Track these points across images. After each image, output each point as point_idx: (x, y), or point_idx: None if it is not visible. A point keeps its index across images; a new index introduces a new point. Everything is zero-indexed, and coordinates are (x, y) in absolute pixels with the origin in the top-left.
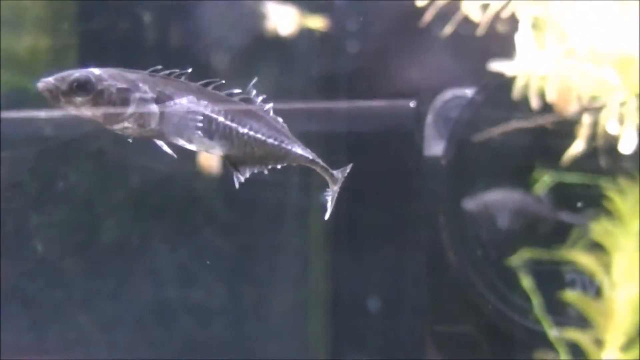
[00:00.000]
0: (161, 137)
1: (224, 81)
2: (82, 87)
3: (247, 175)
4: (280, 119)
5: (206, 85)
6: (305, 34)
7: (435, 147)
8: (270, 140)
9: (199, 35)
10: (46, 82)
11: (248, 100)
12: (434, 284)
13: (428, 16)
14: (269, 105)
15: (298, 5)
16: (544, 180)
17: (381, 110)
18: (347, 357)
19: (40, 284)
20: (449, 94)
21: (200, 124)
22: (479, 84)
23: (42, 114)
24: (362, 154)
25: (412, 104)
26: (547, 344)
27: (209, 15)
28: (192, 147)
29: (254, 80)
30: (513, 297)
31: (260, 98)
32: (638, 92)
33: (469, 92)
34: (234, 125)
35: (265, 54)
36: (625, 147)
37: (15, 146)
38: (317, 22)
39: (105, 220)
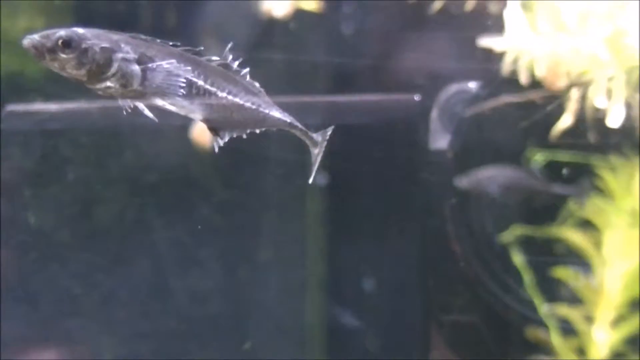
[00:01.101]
0: (143, 98)
1: (202, 48)
2: (67, 45)
3: (227, 139)
4: (257, 84)
5: (186, 50)
6: (308, 25)
7: (440, 140)
8: (249, 104)
9: (196, 19)
10: (32, 38)
11: (225, 66)
12: (435, 271)
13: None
14: (246, 70)
15: None
16: (536, 159)
17: (386, 103)
18: (343, 342)
19: (36, 261)
20: (453, 88)
21: (182, 86)
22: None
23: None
24: (367, 145)
25: (417, 98)
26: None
27: (206, 4)
28: (172, 109)
29: (230, 45)
30: (516, 286)
31: (236, 63)
32: (627, 67)
33: (473, 86)
34: (213, 89)
35: (270, 45)
36: (613, 122)
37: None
38: (312, 5)
39: (102, 198)
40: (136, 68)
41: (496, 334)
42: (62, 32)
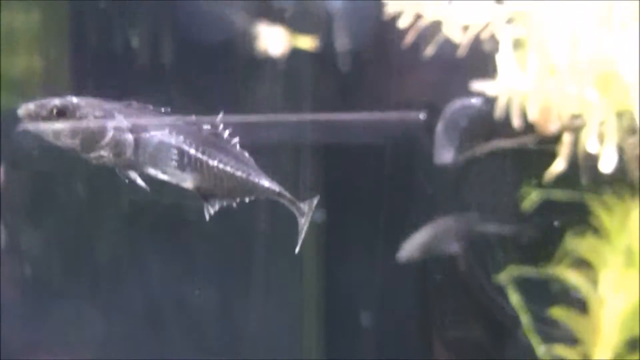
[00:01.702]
0: (135, 167)
1: (194, 116)
2: (61, 114)
3: (217, 207)
4: (246, 153)
5: (177, 119)
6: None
7: (445, 155)
8: (239, 173)
9: (192, 57)
10: (27, 108)
11: (216, 134)
12: (438, 294)
13: (409, 38)
14: (236, 140)
15: (291, 25)
16: (531, 198)
17: (391, 121)
18: None
19: (32, 297)
20: (458, 103)
21: (174, 155)
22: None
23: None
24: (370, 164)
25: (421, 116)
26: None
27: (201, 38)
28: (164, 177)
29: (220, 115)
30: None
31: (227, 132)
32: (618, 110)
33: (477, 101)
34: (204, 157)
35: (271, 66)
36: (606, 166)
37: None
38: (308, 42)
39: (97, 236)
40: (129, 137)
41: (500, 354)
42: (56, 101)
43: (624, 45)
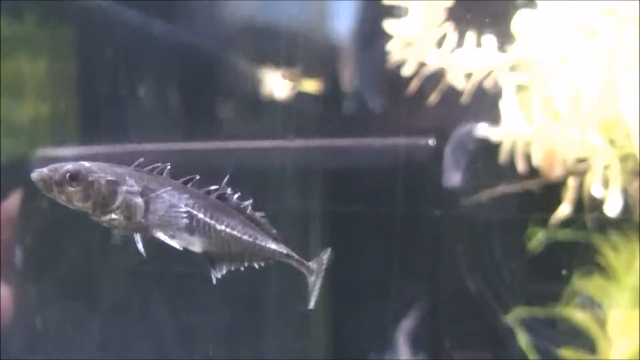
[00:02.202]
0: (145, 230)
1: (198, 177)
2: (74, 178)
3: (224, 271)
4: (259, 214)
5: (186, 182)
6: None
7: (453, 178)
8: (245, 237)
9: (201, 103)
10: (40, 172)
11: (223, 197)
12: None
13: (414, 85)
14: (249, 202)
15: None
16: (538, 237)
17: (401, 147)
18: None
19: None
20: (466, 127)
21: (184, 219)
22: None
23: None
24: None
25: (430, 142)
26: None
27: (210, 85)
28: (173, 243)
29: (227, 178)
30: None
31: (236, 195)
32: (622, 154)
33: (484, 126)
34: (212, 222)
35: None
36: (611, 210)
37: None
38: (312, 85)
39: (106, 285)
40: (139, 200)
41: None
42: (69, 166)
43: (626, 90)
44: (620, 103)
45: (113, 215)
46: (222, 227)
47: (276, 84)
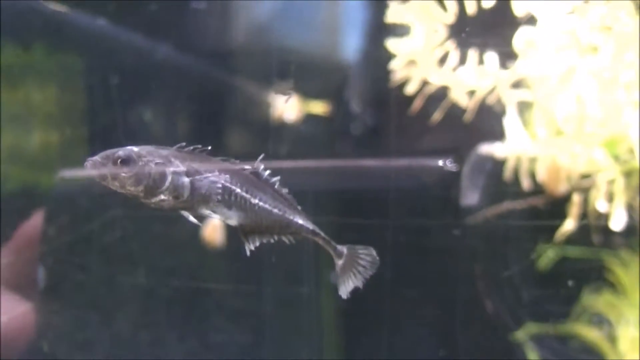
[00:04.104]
0: (190, 208)
1: (237, 160)
2: (126, 164)
3: (257, 244)
4: (286, 190)
5: (224, 159)
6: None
7: (471, 197)
8: (276, 211)
9: (209, 128)
10: (93, 160)
11: (257, 174)
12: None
13: (418, 103)
14: (277, 178)
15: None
16: (548, 255)
17: (419, 167)
18: None
19: None
20: (484, 147)
21: (220, 193)
22: None
23: None
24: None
25: (449, 163)
26: None
27: (217, 109)
28: (215, 217)
29: (261, 156)
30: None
31: (267, 172)
32: (626, 170)
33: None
34: (247, 196)
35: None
36: (615, 225)
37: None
38: (320, 108)
39: (115, 313)
40: (186, 180)
41: None
42: (120, 152)
43: (628, 106)
44: (623, 119)
45: (162, 197)
46: (256, 201)
47: (283, 106)
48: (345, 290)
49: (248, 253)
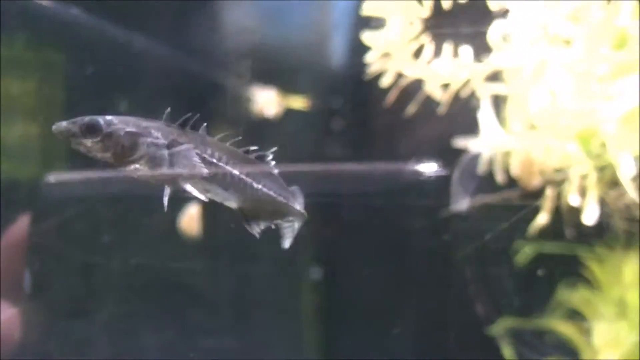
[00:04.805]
0: (174, 183)
1: (240, 137)
2: (91, 130)
3: (262, 227)
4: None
5: (223, 139)
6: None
7: (461, 202)
8: (280, 199)
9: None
10: (59, 125)
11: (262, 158)
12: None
13: (392, 96)
14: (273, 163)
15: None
16: (525, 251)
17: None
18: None
19: None
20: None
21: (204, 170)
22: None
23: None
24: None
25: (437, 166)
26: None
27: (201, 103)
28: (201, 196)
29: (274, 149)
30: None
31: (270, 156)
32: (599, 164)
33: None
34: (249, 180)
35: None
36: (588, 219)
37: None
38: (300, 102)
39: (92, 303)
40: (164, 152)
41: None
42: (87, 118)
43: (603, 100)
44: (597, 113)
45: (137, 166)
46: (259, 186)
47: (267, 102)
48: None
49: (257, 235)
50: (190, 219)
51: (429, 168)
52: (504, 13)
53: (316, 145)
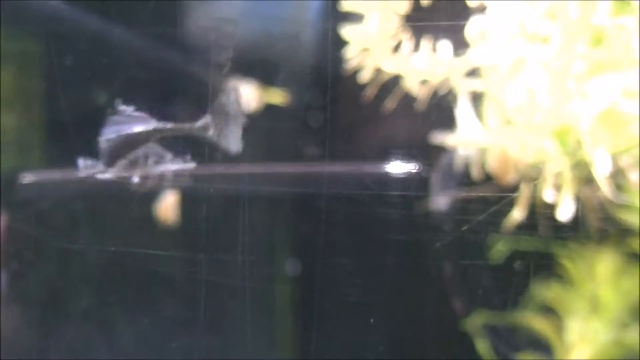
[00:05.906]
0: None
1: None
2: None
3: None
4: None
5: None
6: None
7: (441, 202)
8: None
9: (177, 117)
10: None
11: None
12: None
13: (371, 91)
14: None
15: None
16: (499, 248)
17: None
18: None
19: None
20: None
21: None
22: None
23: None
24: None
25: (416, 167)
26: None
27: (184, 98)
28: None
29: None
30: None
31: None
32: (574, 161)
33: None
34: None
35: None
36: (563, 216)
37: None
38: (279, 97)
39: (67, 292)
40: None
41: None
42: None
43: (579, 97)
44: (573, 110)
45: None
46: None
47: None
48: None
49: None
50: (168, 206)
51: (406, 164)
52: (482, 9)
53: (293, 140)
